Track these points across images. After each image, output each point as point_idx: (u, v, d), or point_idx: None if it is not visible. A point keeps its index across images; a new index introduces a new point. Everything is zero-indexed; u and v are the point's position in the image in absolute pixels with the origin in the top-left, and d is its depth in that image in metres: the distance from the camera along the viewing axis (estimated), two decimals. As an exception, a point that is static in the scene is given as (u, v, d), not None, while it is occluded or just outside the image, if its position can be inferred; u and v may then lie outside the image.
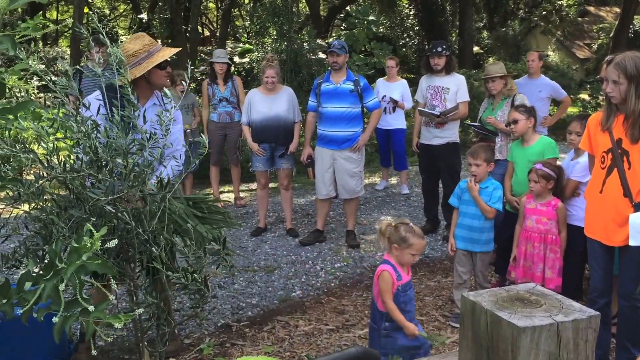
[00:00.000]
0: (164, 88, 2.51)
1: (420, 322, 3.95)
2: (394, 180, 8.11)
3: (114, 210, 2.09)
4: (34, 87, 9.75)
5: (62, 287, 1.54)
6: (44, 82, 2.10)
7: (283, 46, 10.04)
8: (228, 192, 7.59)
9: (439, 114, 5.39)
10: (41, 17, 1.49)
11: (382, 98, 7.05)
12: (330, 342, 3.67)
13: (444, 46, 5.49)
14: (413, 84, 10.71)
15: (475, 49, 21.53)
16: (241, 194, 7.28)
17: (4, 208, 2.03)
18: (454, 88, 5.45)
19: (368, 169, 9.03)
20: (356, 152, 5.33)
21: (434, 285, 4.63)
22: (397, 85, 7.27)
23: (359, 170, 5.43)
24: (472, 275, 4.05)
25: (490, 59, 20.91)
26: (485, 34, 24.21)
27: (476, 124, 5.26)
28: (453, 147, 5.55)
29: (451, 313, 4.05)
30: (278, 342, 3.67)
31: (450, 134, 5.53)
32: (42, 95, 8.84)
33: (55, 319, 1.58)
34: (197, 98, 6.87)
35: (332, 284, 4.66)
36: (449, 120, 5.45)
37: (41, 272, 1.63)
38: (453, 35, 20.67)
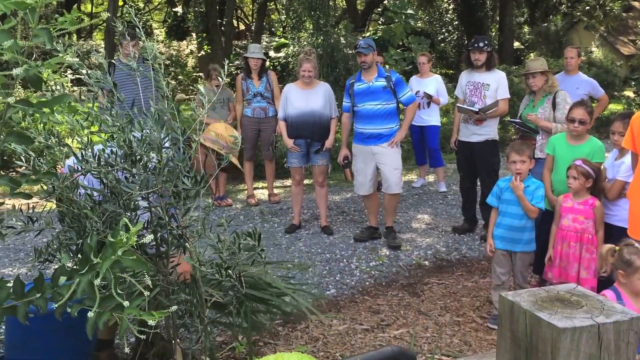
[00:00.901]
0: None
1: (457, 323, 3.91)
2: (431, 177, 8.02)
3: (147, 205, 2.12)
4: (68, 80, 10.02)
5: (97, 282, 1.57)
6: (77, 76, 2.14)
7: (319, 40, 10.03)
8: (262, 188, 7.64)
9: (477, 110, 5.32)
10: (76, 10, 1.51)
11: (416, 94, 6.98)
12: (365, 342, 3.66)
13: (486, 42, 5.41)
14: (452, 80, 10.60)
15: (516, 44, 21.12)
16: (275, 190, 7.32)
17: (38, 202, 2.08)
18: (494, 84, 5.37)
19: (404, 167, 8.94)
20: (393, 147, 5.30)
21: (472, 286, 4.56)
22: (430, 80, 7.19)
23: (399, 163, 5.40)
24: (511, 276, 3.98)
25: (531, 54, 20.49)
26: (526, 29, 23.74)
27: (517, 120, 5.16)
28: (492, 145, 5.47)
29: (489, 314, 3.99)
30: (312, 341, 3.67)
31: (489, 131, 5.44)
32: (75, 88, 9.05)
33: (90, 314, 1.61)
34: (232, 93, 6.93)
35: (367, 283, 4.64)
36: (488, 117, 5.36)
37: (75, 266, 1.67)
38: (493, 30, 20.32)
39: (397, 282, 4.67)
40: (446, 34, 20.01)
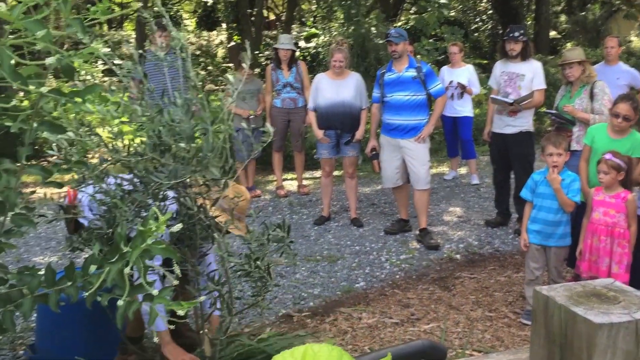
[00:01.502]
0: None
1: (489, 319, 3.86)
2: (463, 170, 7.93)
3: (176, 195, 2.14)
4: (99, 70, 10.17)
5: (127, 270, 1.59)
6: (108, 66, 2.17)
7: (350, 30, 9.98)
8: (291, 179, 7.66)
9: (512, 101, 5.23)
10: (107, 1, 1.53)
11: (449, 84, 6.90)
12: (395, 335, 3.64)
13: (521, 31, 5.31)
14: (486, 70, 10.42)
15: (552, 33, 20.63)
16: (304, 182, 7.33)
17: (74, 188, 2.12)
18: (529, 75, 5.27)
19: (435, 158, 8.87)
20: (421, 142, 5.24)
21: (505, 281, 4.50)
22: (462, 70, 7.08)
23: (428, 159, 5.34)
24: (545, 271, 3.91)
25: (568, 44, 20.00)
26: (563, 18, 23.15)
27: (553, 111, 5.05)
28: (526, 137, 5.37)
29: (522, 310, 3.93)
30: (340, 334, 3.67)
31: (524, 122, 5.34)
32: (106, 78, 9.18)
33: (119, 303, 1.64)
34: (263, 84, 6.95)
35: (397, 276, 4.62)
36: (523, 109, 5.27)
37: (106, 255, 1.69)
38: (529, 19, 19.88)
39: (428, 275, 4.64)
40: (480, 23, 19.67)
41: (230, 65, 16.54)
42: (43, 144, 5.62)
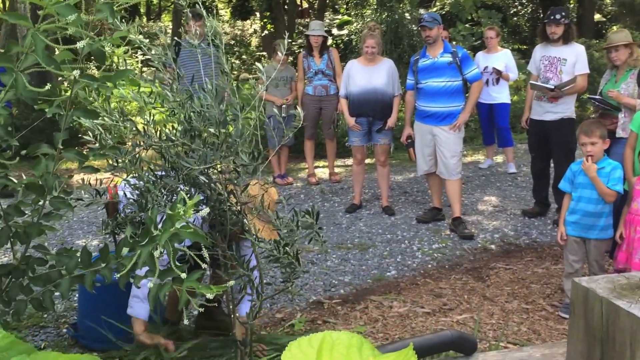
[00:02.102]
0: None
1: (525, 311, 3.80)
2: (499, 158, 7.79)
3: (207, 180, 2.15)
4: (137, 61, 10.33)
5: (156, 254, 1.61)
6: (147, 56, 2.19)
7: (383, 16, 9.87)
8: (323, 167, 7.65)
9: (553, 87, 5.08)
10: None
11: (484, 69, 6.75)
12: (426, 325, 3.61)
13: (563, 13, 5.14)
14: (526, 56, 10.16)
15: (597, 16, 20.00)
16: (336, 169, 7.32)
17: (108, 178, 2.16)
18: (571, 59, 5.11)
19: (471, 147, 8.75)
20: (456, 130, 5.16)
21: (542, 272, 4.41)
22: (498, 56, 6.91)
23: (459, 149, 5.26)
24: (584, 264, 3.81)
25: (614, 27, 19.36)
26: (608, 1, 22.42)
27: (597, 97, 4.90)
28: (567, 124, 5.21)
29: (561, 303, 3.84)
30: (371, 322, 3.66)
31: (565, 108, 5.19)
32: (145, 69, 9.31)
33: (150, 285, 1.66)
34: (296, 72, 6.93)
35: (429, 266, 4.58)
36: (564, 95, 5.12)
37: (138, 238, 1.71)
38: (571, 1, 19.31)
39: (461, 265, 4.58)
40: (519, 7, 19.19)
41: (264, 53, 16.56)
42: (78, 130, 5.74)
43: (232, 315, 2.55)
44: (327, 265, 4.55)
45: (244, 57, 18.80)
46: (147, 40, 2.10)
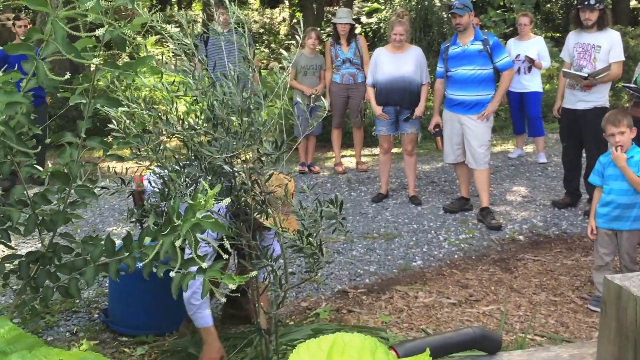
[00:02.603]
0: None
1: (554, 303, 3.70)
2: (529, 148, 7.61)
3: (230, 169, 2.12)
4: (169, 50, 10.37)
5: (178, 243, 1.59)
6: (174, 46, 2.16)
7: (412, 3, 9.70)
8: (350, 156, 7.59)
9: (586, 75, 4.92)
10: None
11: (516, 57, 6.56)
12: (452, 316, 3.55)
13: None
14: (559, 44, 9.88)
15: (633, 3, 19.36)
16: (363, 158, 7.25)
17: (131, 160, 2.15)
18: (606, 46, 4.93)
19: (500, 136, 8.57)
20: (484, 119, 5.04)
21: (572, 264, 4.30)
22: (531, 43, 6.69)
23: (488, 138, 5.14)
24: (615, 257, 3.69)
25: (651, 13, 18.71)
26: (646, -15, 21.66)
27: (632, 85, 4.72)
28: (601, 113, 4.99)
29: (590, 295, 3.74)
30: (396, 312, 3.61)
31: (599, 97, 5.03)
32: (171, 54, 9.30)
33: (172, 274, 1.64)
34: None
35: (456, 256, 4.50)
36: (598, 83, 4.95)
37: (160, 228, 1.70)
38: (607, -13, 18.71)
39: (488, 256, 4.49)
40: (552, -7, 18.69)
41: (293, 42, 16.48)
42: (100, 118, 5.80)
43: (257, 305, 2.54)
44: (353, 255, 4.51)
45: (272, 45, 18.75)
46: (177, 29, 2.08)
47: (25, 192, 2.00)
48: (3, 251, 3.75)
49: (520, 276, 4.11)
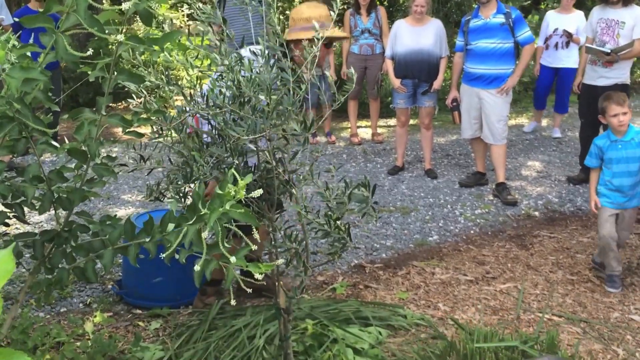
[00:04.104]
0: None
1: (571, 282, 3.57)
2: (543, 122, 7.37)
3: (255, 149, 1.97)
4: (184, 15, 10.07)
5: (205, 234, 1.45)
6: (192, 11, 1.99)
7: (430, -27, 9.31)
8: (365, 127, 7.39)
9: (609, 51, 4.68)
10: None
11: (554, 31, 6.25)
12: (469, 294, 3.43)
13: None
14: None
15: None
16: (379, 130, 7.05)
17: (151, 140, 2.00)
18: (630, 22, 4.68)
19: (514, 109, 8.32)
20: (503, 94, 4.83)
21: (587, 242, 4.15)
22: (572, 16, 6.30)
23: (506, 114, 4.94)
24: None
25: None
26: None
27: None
28: (621, 89, 4.78)
29: (600, 268, 3.61)
30: (413, 288, 3.50)
31: (620, 74, 4.80)
32: (190, 23, 9.02)
33: (197, 267, 1.51)
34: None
35: (472, 232, 4.36)
36: (620, 59, 4.72)
37: (184, 214, 1.56)
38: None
39: (504, 232, 4.34)
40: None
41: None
42: (121, 93, 5.63)
43: (277, 284, 2.41)
44: (369, 229, 4.38)
45: (287, 12, 18.30)
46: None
47: (41, 168, 1.87)
48: (17, 228, 3.65)
49: (536, 253, 3.97)
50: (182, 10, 9.87)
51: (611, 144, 3.41)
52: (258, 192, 1.33)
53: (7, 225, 1.97)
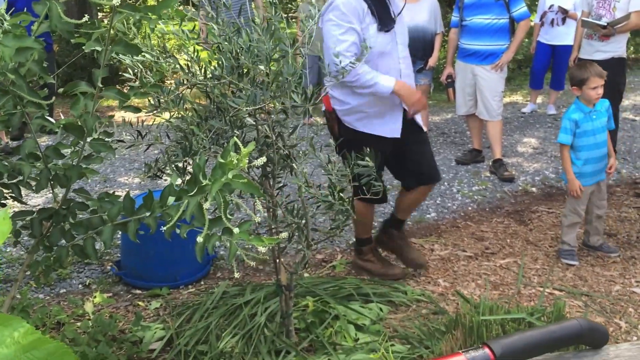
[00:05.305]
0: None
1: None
2: (539, 99, 7.34)
3: (254, 122, 1.93)
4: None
5: (206, 205, 1.41)
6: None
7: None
8: (360, 107, 7.33)
9: (605, 24, 4.63)
10: None
11: (549, 8, 6.17)
12: (469, 269, 3.42)
13: None
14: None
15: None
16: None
17: (149, 113, 1.95)
18: None
19: (509, 87, 8.28)
20: (498, 70, 4.80)
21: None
22: None
23: (501, 90, 4.91)
24: None
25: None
26: None
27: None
28: (617, 63, 4.77)
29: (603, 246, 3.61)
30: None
31: (617, 47, 4.75)
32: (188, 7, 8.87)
33: (199, 239, 1.47)
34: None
35: (470, 208, 4.34)
36: (617, 33, 4.67)
37: (184, 186, 1.52)
38: None
39: (502, 208, 4.33)
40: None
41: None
42: (118, 68, 5.52)
43: (277, 261, 2.39)
44: (367, 206, 4.35)
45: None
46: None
47: (37, 145, 1.82)
48: (14, 210, 3.60)
49: (535, 229, 3.97)
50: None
51: (585, 116, 3.35)
52: (261, 160, 1.29)
53: (4, 205, 1.93)
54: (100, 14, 9.28)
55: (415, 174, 3.07)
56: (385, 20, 2.78)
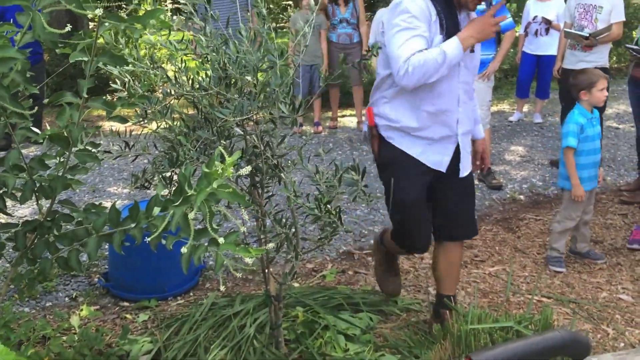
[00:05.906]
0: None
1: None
2: (525, 108, 7.38)
3: (242, 132, 1.91)
4: (167, 9, 9.91)
5: (191, 215, 1.39)
6: (177, 5, 1.92)
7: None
8: (350, 115, 7.33)
9: (588, 35, 4.68)
10: None
11: (533, 19, 6.21)
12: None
13: None
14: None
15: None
16: (364, 118, 7.00)
17: (136, 123, 1.92)
18: (607, 7, 4.69)
19: (495, 96, 8.32)
20: (485, 79, 4.82)
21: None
22: (550, 4, 6.21)
23: (489, 99, 4.92)
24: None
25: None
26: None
27: (634, 46, 4.49)
28: (602, 73, 4.83)
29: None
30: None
31: (599, 57, 4.80)
32: (175, 17, 8.85)
33: (183, 250, 1.45)
34: (326, 19, 6.45)
35: (458, 217, 4.33)
36: (599, 43, 4.72)
37: (170, 197, 1.49)
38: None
39: (491, 216, 4.33)
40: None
41: (290, 2, 15.90)
42: (106, 78, 5.46)
43: (266, 271, 2.36)
44: (357, 215, 4.34)
45: (271, 6, 18.13)
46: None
47: (21, 157, 1.78)
48: None
49: (523, 236, 3.97)
50: (165, 4, 9.71)
51: (588, 121, 3.38)
52: (246, 170, 1.27)
53: (-12, 216, 1.89)
54: (91, 24, 9.23)
55: (449, 226, 2.71)
56: (452, 34, 2.33)
